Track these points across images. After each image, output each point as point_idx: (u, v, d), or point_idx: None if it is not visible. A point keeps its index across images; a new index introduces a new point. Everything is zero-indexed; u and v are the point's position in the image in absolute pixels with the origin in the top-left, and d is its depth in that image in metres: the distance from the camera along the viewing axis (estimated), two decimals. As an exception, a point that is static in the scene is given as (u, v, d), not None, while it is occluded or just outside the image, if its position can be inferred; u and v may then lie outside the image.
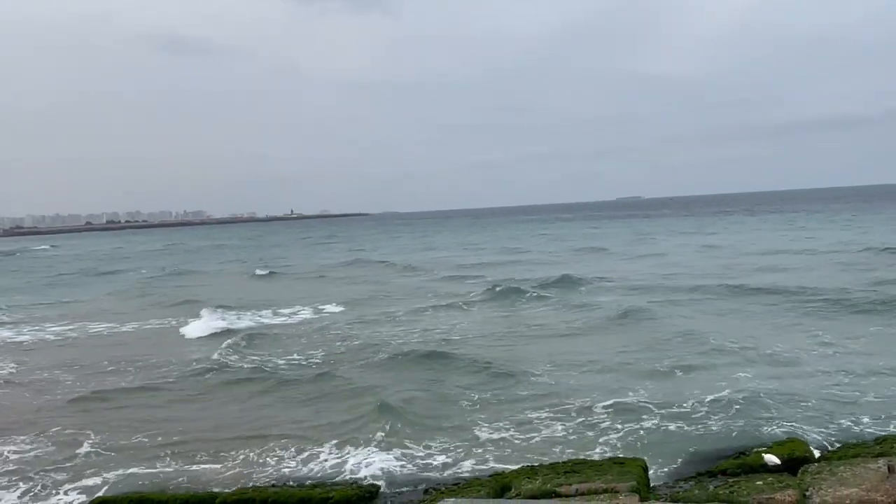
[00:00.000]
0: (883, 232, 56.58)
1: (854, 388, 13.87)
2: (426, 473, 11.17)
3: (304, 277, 46.55)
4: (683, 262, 42.18)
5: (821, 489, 7.51)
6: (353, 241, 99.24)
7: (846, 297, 24.13)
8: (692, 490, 8.94)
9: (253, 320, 27.92)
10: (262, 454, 12.33)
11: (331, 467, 11.56)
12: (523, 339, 21.44)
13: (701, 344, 18.51)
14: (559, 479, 9.19)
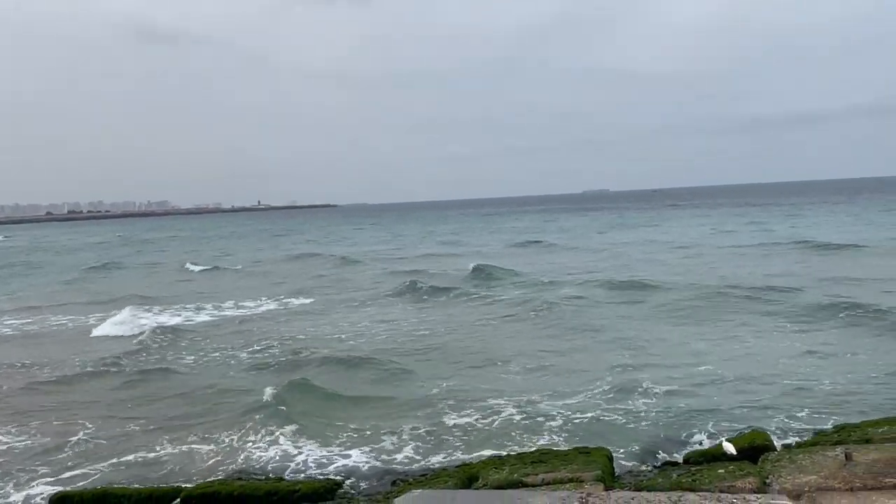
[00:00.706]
0: (822, 227, 58.61)
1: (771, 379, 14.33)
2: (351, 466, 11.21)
3: (244, 272, 45.82)
4: (609, 257, 43.11)
5: (780, 476, 7.68)
6: (310, 234, 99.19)
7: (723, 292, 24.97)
8: (656, 478, 9.09)
9: (175, 316, 27.20)
10: (220, 448, 12.26)
11: (295, 462, 11.53)
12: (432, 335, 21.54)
13: (617, 336, 19.24)
14: (526, 469, 9.27)
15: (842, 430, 9.51)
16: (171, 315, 27.66)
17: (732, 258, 38.32)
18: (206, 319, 26.57)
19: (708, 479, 8.19)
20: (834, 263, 33.15)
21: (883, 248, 37.83)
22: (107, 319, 26.18)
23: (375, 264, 45.75)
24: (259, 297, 31.87)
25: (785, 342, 17.62)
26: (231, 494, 9.70)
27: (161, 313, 28.06)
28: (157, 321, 25.69)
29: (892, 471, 7.34)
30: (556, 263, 41.32)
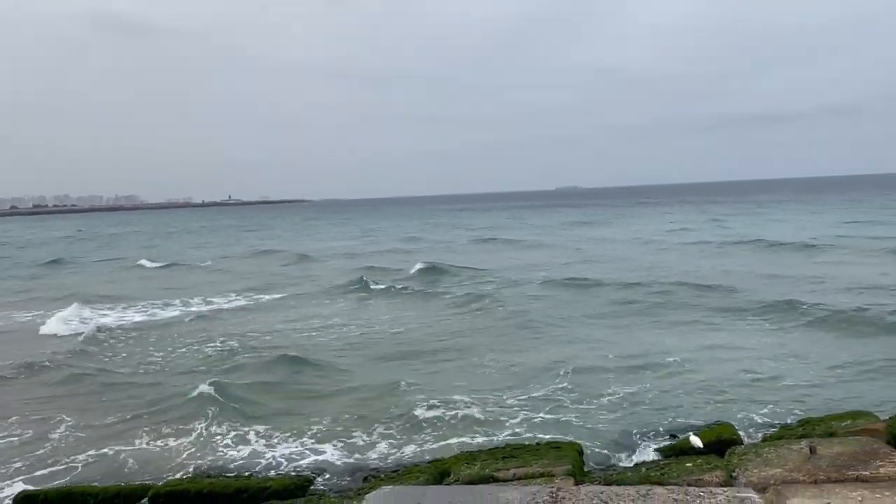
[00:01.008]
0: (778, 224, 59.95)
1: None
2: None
3: (201, 269, 45.02)
4: (566, 253, 43.51)
5: (746, 470, 7.81)
6: (278, 230, 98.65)
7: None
8: (625, 473, 9.19)
9: (121, 315, 26.55)
10: (191, 443, 12.15)
11: (265, 458, 11.47)
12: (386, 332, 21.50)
13: (573, 333, 19.45)
14: (497, 464, 9.31)
15: (806, 424, 9.69)
16: (118, 313, 26.98)
17: (689, 256, 38.78)
18: (151, 318, 25.92)
19: (676, 472, 8.30)
20: (785, 261, 33.72)
21: (836, 246, 38.43)
22: (54, 316, 25.44)
23: (333, 261, 45.70)
24: (209, 294, 31.41)
25: (742, 339, 17.84)
26: (200, 492, 9.59)
27: (108, 311, 27.39)
28: (102, 320, 24.99)
29: (855, 463, 7.50)
30: (515, 259, 41.64)
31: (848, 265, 31.19)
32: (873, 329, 17.63)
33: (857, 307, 19.87)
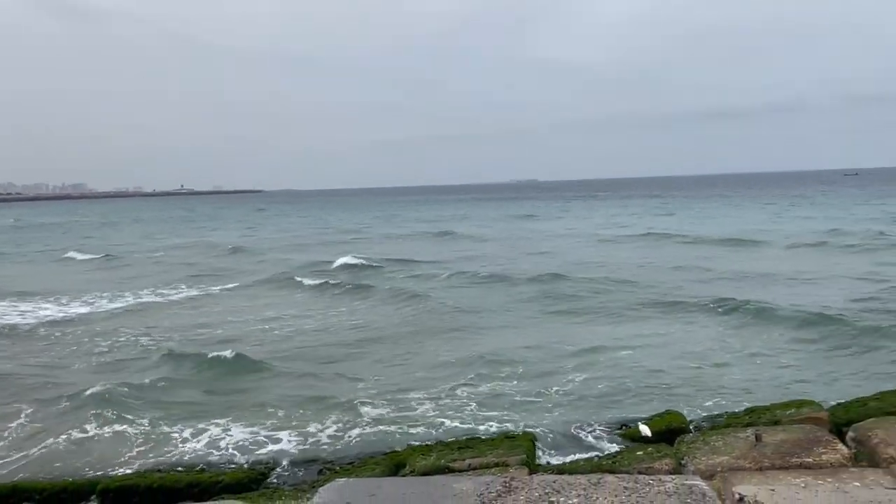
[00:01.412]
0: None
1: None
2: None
3: (129, 261, 43.68)
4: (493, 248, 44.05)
5: (695, 458, 8.00)
6: (224, 220, 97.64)
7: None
8: (577, 462, 9.34)
9: (32, 310, 25.39)
10: (142, 438, 11.92)
11: (217, 452, 11.32)
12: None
13: (508, 326, 19.65)
14: (453, 455, 9.35)
15: (752, 413, 9.97)
16: (30, 308, 25.93)
17: (621, 250, 39.75)
18: (63, 312, 24.86)
19: (627, 461, 8.47)
20: (719, 255, 34.68)
21: (768, 242, 39.63)
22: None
23: (272, 254, 45.27)
24: (134, 288, 30.61)
25: (680, 331, 18.18)
26: (150, 487, 9.42)
27: (16, 305, 26.43)
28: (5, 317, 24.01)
29: (798, 451, 7.75)
30: (456, 252, 41.95)
31: (780, 259, 32.24)
32: (804, 321, 18.02)
33: (792, 302, 20.38)
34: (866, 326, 16.92)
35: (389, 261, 37.03)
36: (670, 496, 3.80)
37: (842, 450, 7.67)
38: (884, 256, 31.45)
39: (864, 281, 24.69)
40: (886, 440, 7.40)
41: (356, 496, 3.99)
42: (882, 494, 3.93)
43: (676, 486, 3.98)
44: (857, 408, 9.29)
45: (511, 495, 3.93)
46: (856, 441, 7.83)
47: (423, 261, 36.87)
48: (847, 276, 26.08)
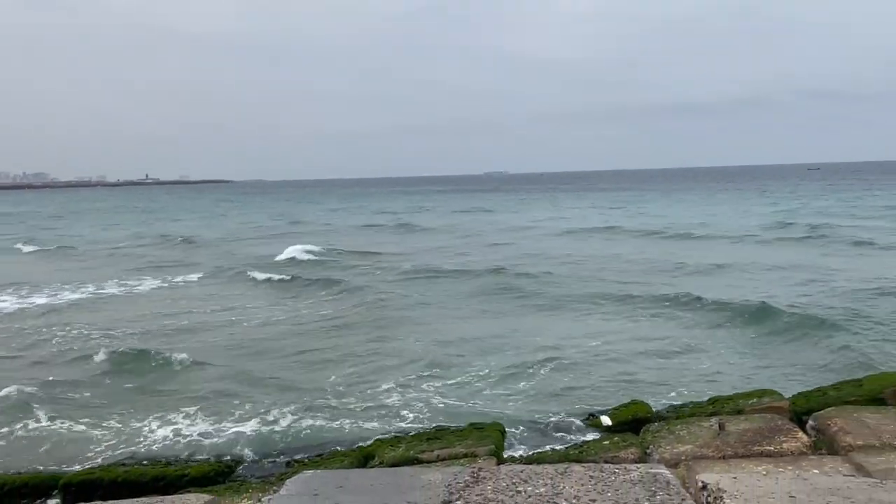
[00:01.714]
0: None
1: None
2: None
3: (79, 254, 43.03)
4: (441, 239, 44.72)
5: (660, 446, 8.13)
6: (184, 211, 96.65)
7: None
8: (546, 451, 9.42)
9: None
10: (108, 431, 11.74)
11: (183, 445, 11.21)
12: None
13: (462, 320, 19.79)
14: (422, 446, 9.37)
15: (716, 402, 10.14)
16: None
17: (575, 242, 40.48)
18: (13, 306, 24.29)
19: (594, 450, 8.57)
20: (669, 248, 35.30)
21: (714, 236, 40.51)
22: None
23: (222, 245, 45.10)
24: (82, 281, 30.05)
25: (637, 325, 18.43)
26: (114, 481, 9.28)
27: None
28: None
29: (760, 439, 7.91)
30: (416, 245, 42.22)
31: (736, 251, 32.98)
32: (754, 314, 18.35)
33: (741, 296, 20.76)
34: (814, 318, 17.30)
35: (346, 253, 37.19)
36: (635, 484, 3.85)
37: (802, 438, 7.85)
38: (833, 248, 32.46)
39: (813, 273, 25.32)
40: (845, 428, 7.59)
41: (323, 488, 3.97)
42: (840, 481, 4.03)
43: (641, 474, 4.03)
44: (817, 397, 9.51)
45: (479, 485, 3.95)
46: (815, 429, 8.02)
47: (383, 252, 36.99)
48: (797, 267, 26.76)
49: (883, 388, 9.31)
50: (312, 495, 3.85)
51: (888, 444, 7.11)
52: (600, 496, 3.69)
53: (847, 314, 17.90)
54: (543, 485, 3.89)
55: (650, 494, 3.71)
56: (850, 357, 14.30)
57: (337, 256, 36.13)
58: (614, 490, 3.77)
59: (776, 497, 3.60)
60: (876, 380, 9.76)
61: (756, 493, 3.66)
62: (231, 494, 8.27)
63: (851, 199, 73.77)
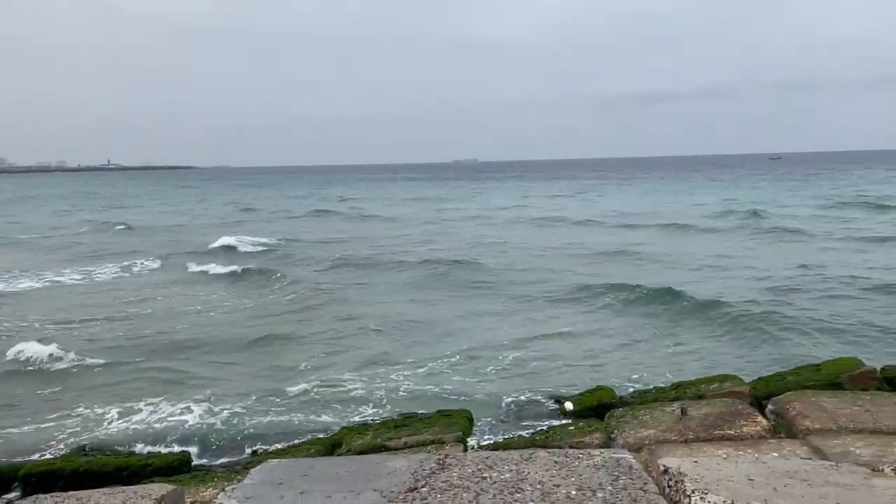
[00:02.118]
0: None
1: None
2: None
3: (15, 243, 41.81)
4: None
5: (624, 431, 8.24)
6: (136, 198, 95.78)
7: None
8: (512, 437, 9.50)
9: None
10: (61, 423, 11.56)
11: (147, 434, 11.09)
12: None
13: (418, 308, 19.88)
14: (389, 434, 9.37)
15: (678, 388, 10.31)
16: None
17: (519, 229, 41.19)
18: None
19: (559, 435, 8.66)
20: (621, 239, 35.78)
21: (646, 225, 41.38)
22: None
23: (156, 235, 44.53)
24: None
25: (591, 318, 18.51)
26: (76, 471, 9.13)
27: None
28: None
29: (720, 423, 8.07)
30: (352, 233, 42.47)
31: (691, 242, 33.60)
32: (707, 305, 18.54)
33: (697, 287, 21.11)
34: (761, 311, 17.58)
35: (286, 242, 37.32)
36: (598, 469, 3.90)
37: (762, 422, 8.02)
38: (785, 238, 33.25)
39: (766, 263, 25.82)
40: (803, 412, 7.77)
41: (288, 476, 3.96)
42: (798, 464, 4.13)
43: (605, 459, 4.08)
44: (776, 382, 9.72)
45: (445, 472, 3.97)
46: (775, 413, 8.19)
47: (330, 241, 37.17)
48: (754, 258, 27.26)
49: (840, 373, 9.55)
50: (277, 484, 3.83)
51: (844, 428, 7.29)
52: (564, 481, 3.73)
53: (770, 303, 18.39)
54: (509, 470, 3.93)
55: (613, 479, 3.76)
56: (798, 349, 14.57)
57: (275, 245, 36.06)
58: (578, 475, 3.81)
59: (735, 480, 3.68)
60: (833, 365, 10.00)
61: (716, 476, 3.73)
62: (195, 484, 8.20)
63: (797, 187, 76.43)
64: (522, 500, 3.49)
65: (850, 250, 28.65)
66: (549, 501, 3.47)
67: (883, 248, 29.20)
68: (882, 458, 6.11)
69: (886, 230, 34.67)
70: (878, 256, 26.74)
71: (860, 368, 9.66)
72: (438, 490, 3.67)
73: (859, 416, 7.57)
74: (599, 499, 3.48)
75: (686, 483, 3.63)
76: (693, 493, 3.49)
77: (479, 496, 3.56)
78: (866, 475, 3.87)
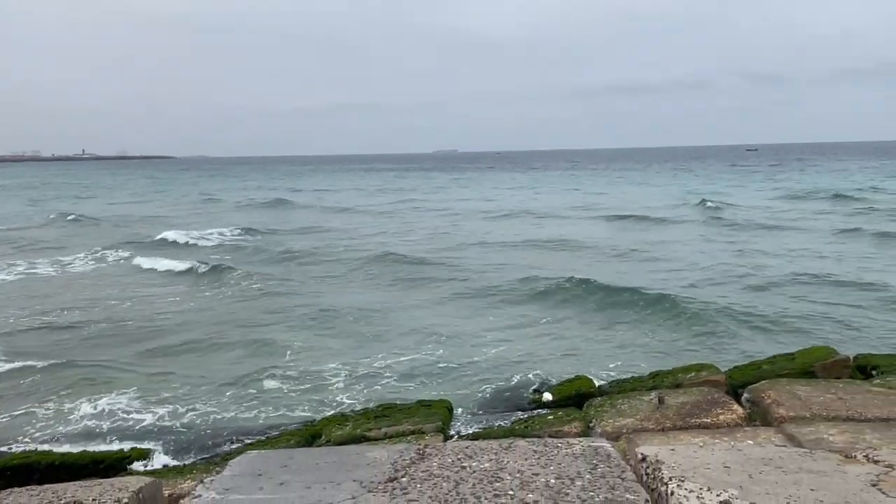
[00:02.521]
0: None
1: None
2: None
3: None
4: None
5: (602, 420, 8.31)
6: (95, 189, 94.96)
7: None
8: (491, 427, 9.55)
9: None
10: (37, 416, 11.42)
11: (124, 427, 11.00)
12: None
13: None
14: (369, 424, 9.38)
15: (656, 377, 10.41)
16: None
17: (484, 223, 41.39)
18: None
19: (539, 425, 8.72)
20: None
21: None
22: None
23: (103, 228, 44.14)
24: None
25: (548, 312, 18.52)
26: (52, 464, 9.04)
27: None
28: None
29: (697, 411, 8.16)
30: (303, 224, 42.83)
31: (651, 234, 33.98)
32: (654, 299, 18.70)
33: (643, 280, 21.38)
34: (706, 304, 17.84)
35: (241, 231, 37.93)
36: (577, 458, 3.93)
37: (737, 410, 8.12)
38: (723, 229, 34.00)
39: (713, 256, 26.27)
40: (778, 401, 7.88)
41: (267, 468, 3.95)
42: (773, 451, 4.19)
43: (583, 447, 4.12)
44: (752, 371, 9.86)
45: (424, 462, 3.98)
46: (750, 402, 8.30)
47: (282, 230, 37.43)
48: (705, 251, 27.67)
49: (814, 361, 9.70)
50: (256, 475, 3.82)
51: (818, 416, 7.41)
52: (543, 470, 3.76)
53: (703, 294, 18.91)
54: (488, 460, 3.94)
55: (591, 467, 3.79)
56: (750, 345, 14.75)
57: (230, 239, 35.93)
58: (557, 464, 3.84)
59: (712, 467, 3.73)
60: (807, 354, 10.16)
61: (693, 463, 3.77)
62: (174, 476, 8.15)
63: (760, 179, 78.13)
64: (502, 489, 3.51)
65: (797, 242, 29.14)
66: (528, 490, 3.49)
67: (828, 238, 29.95)
68: (854, 444, 6.22)
69: (841, 222, 35.38)
70: (820, 247, 27.44)
71: (833, 357, 9.83)
72: (418, 480, 3.68)
73: (832, 403, 7.69)
74: (578, 487, 3.51)
75: (663, 470, 3.67)
76: (670, 481, 3.52)
77: (459, 485, 3.57)
78: (839, 461, 3.94)
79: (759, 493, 3.38)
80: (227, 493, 3.58)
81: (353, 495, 3.48)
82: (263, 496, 3.51)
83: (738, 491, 3.40)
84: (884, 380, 8.96)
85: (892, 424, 7.06)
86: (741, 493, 3.38)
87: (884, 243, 27.90)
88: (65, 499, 3.70)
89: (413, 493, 3.50)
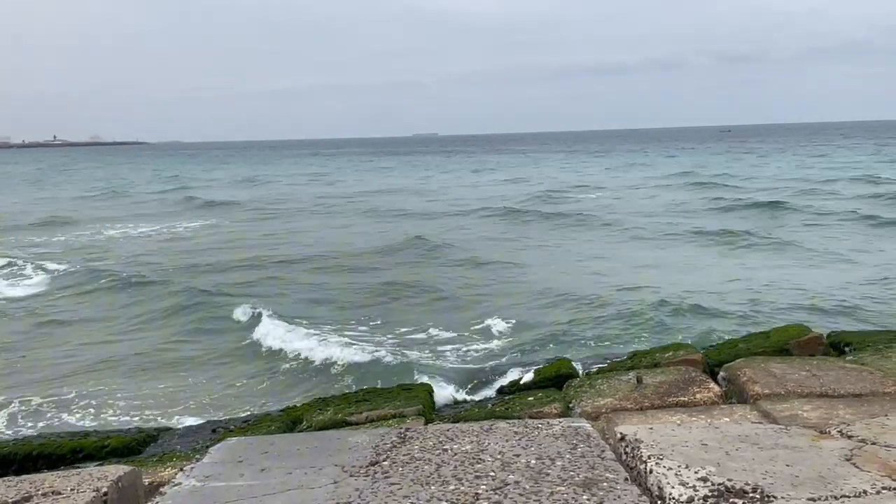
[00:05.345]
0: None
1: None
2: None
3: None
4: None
5: (581, 401, 8.38)
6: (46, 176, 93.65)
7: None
8: (472, 409, 9.60)
9: None
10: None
11: (104, 414, 10.89)
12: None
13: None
14: (350, 409, 9.38)
15: (634, 357, 10.53)
16: None
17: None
18: None
19: (519, 406, 8.78)
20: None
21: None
22: None
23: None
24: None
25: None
26: (29, 454, 8.94)
27: None
28: None
29: (674, 391, 8.27)
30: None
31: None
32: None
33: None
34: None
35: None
36: (557, 438, 3.97)
37: (714, 388, 8.24)
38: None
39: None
40: (753, 378, 8.00)
41: (248, 454, 3.94)
42: (749, 428, 4.26)
43: (563, 428, 4.16)
44: (728, 349, 10.00)
45: (406, 445, 3.99)
46: (726, 380, 8.42)
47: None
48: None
49: (788, 339, 9.86)
50: (237, 462, 3.81)
51: (792, 392, 7.54)
52: (524, 451, 3.79)
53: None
54: (469, 442, 3.97)
55: (571, 447, 3.83)
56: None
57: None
58: (537, 444, 3.87)
59: (689, 445, 3.78)
60: (782, 332, 10.32)
61: (671, 441, 3.82)
62: (154, 464, 8.10)
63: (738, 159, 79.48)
64: (483, 470, 3.54)
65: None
66: (509, 471, 3.52)
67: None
68: (828, 420, 6.34)
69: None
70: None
71: (807, 335, 9.99)
72: (400, 463, 3.69)
73: (807, 380, 7.82)
74: (559, 467, 3.55)
75: (642, 449, 3.71)
76: (649, 459, 3.57)
77: (440, 468, 3.59)
78: (813, 437, 4.01)
79: (735, 470, 3.43)
80: (207, 481, 3.57)
81: (335, 480, 3.49)
82: (244, 483, 3.50)
83: (715, 468, 3.45)
84: (856, 356, 9.13)
85: (864, 400, 7.20)
86: (718, 469, 3.44)
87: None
88: (43, 489, 3.67)
89: (395, 477, 3.51)
